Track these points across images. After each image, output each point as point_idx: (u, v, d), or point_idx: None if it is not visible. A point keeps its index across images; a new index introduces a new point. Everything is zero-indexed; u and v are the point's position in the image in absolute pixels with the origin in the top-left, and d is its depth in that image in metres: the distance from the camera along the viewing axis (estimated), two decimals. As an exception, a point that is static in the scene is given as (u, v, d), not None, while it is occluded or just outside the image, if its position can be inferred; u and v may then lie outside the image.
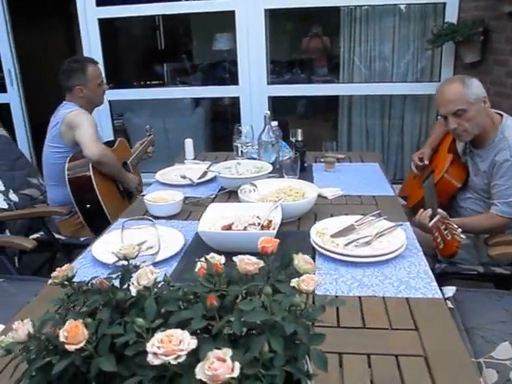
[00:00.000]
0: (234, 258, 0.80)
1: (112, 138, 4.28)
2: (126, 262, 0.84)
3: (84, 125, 2.33)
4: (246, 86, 4.03)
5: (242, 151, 2.40)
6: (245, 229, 1.57)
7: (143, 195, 1.98)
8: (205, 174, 2.26)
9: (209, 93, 4.50)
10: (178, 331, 0.60)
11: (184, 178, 2.25)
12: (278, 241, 0.85)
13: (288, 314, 0.69)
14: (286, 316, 0.68)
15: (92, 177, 2.22)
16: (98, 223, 2.14)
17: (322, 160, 2.39)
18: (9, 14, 4.14)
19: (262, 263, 0.80)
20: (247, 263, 0.78)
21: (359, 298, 1.24)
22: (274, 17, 5.05)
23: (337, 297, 1.25)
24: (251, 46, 3.91)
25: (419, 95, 3.93)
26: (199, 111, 4.86)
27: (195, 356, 0.59)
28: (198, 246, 1.54)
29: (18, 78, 4.29)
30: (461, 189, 2.14)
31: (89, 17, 4.00)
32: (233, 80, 4.18)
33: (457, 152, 2.19)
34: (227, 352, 0.57)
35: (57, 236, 2.42)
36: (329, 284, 1.31)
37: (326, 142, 2.36)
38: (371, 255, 1.40)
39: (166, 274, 0.81)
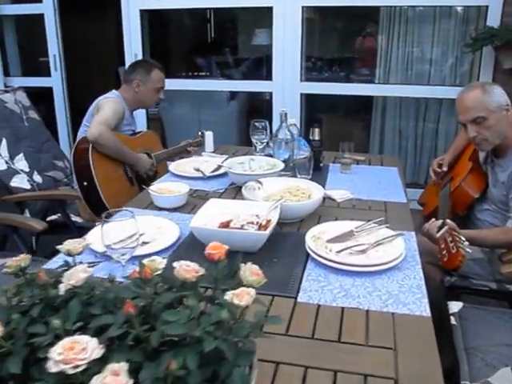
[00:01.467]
0: (174, 264, 0.77)
1: (145, 126, 4.38)
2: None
3: (104, 109, 2.40)
4: (279, 82, 4.00)
5: (257, 147, 2.37)
6: (242, 227, 1.55)
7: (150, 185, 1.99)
8: (218, 167, 2.24)
9: (242, 87, 4.49)
10: (85, 338, 0.57)
11: (197, 170, 2.24)
12: (226, 247, 0.82)
13: (215, 328, 0.66)
14: (210, 331, 0.65)
15: (89, 155, 2.24)
16: (97, 206, 2.18)
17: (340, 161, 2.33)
18: (58, 2, 4.24)
19: (202, 271, 0.77)
20: (186, 270, 0.75)
21: (342, 308, 1.20)
22: (323, 15, 5.00)
23: (319, 306, 1.21)
24: (287, 42, 3.88)
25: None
26: (233, 104, 4.85)
27: (104, 366, 0.57)
28: (191, 242, 1.53)
29: (62, 63, 4.40)
30: (479, 200, 2.04)
31: (131, 7, 4.06)
32: (268, 75, 4.15)
33: (478, 161, 2.09)
34: (123, 366, 0.54)
35: (74, 219, 2.47)
36: (314, 291, 1.27)
37: (343, 142, 2.30)
38: (362, 264, 1.34)
39: (110, 274, 0.79)
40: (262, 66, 5.11)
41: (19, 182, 2.43)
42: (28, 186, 2.48)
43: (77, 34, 5.32)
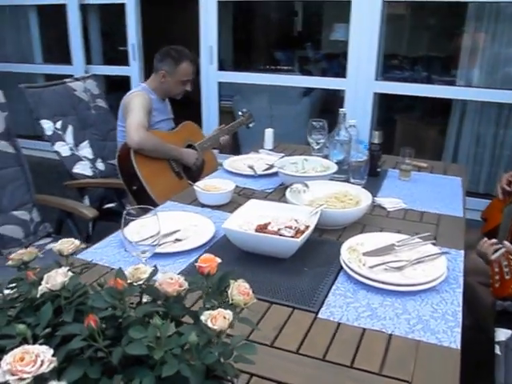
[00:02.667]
0: (159, 275, 0.74)
1: (217, 119, 4.42)
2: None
3: (134, 109, 2.38)
4: (352, 80, 3.87)
5: (313, 147, 2.29)
6: (278, 230, 1.50)
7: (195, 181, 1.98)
8: (271, 166, 2.20)
9: (315, 83, 4.39)
10: (38, 349, 0.56)
11: (251, 168, 2.22)
12: (218, 261, 0.78)
13: (183, 352, 0.62)
14: (177, 353, 0.61)
15: (133, 161, 2.26)
16: (148, 204, 2.19)
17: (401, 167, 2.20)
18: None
19: (185, 285, 0.73)
20: (168, 283, 0.72)
21: (363, 330, 1.12)
22: (414, 10, 4.77)
23: (339, 324, 1.13)
24: (363, 39, 3.74)
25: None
26: (306, 101, 4.77)
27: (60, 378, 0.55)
28: (225, 242, 1.50)
29: (141, 53, 4.54)
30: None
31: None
32: (342, 72, 4.03)
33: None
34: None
35: (127, 207, 2.53)
36: (338, 308, 1.20)
37: (405, 147, 2.16)
38: (395, 283, 1.25)
39: (101, 279, 0.77)
40: (339, 63, 4.98)
41: (81, 168, 2.53)
42: (90, 173, 2.57)
43: (156, 24, 5.44)
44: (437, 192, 2.02)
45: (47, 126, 2.47)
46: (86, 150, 2.62)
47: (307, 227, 1.49)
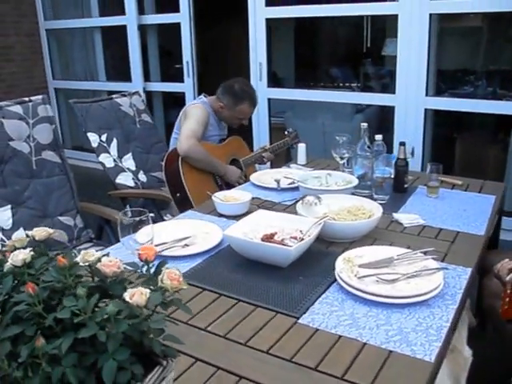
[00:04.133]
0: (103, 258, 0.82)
1: (267, 135, 4.51)
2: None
3: (191, 118, 2.52)
4: (402, 96, 3.83)
5: (338, 162, 2.31)
6: (282, 240, 1.54)
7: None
8: (294, 181, 2.24)
9: (364, 99, 4.38)
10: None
11: (276, 181, 2.27)
12: (155, 250, 0.85)
13: (106, 320, 0.70)
14: (98, 321, 0.69)
15: (180, 168, 2.38)
16: None
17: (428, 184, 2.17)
18: (194, 13, 4.60)
19: (122, 268, 0.81)
20: (107, 265, 0.79)
21: (339, 337, 1.13)
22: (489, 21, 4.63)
23: (317, 330, 1.16)
24: (412, 53, 3.69)
25: None
26: (358, 118, 4.75)
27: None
28: (230, 249, 1.56)
29: (195, 69, 4.74)
30: None
31: (258, 17, 4.22)
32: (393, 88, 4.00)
33: None
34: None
35: (166, 218, 2.65)
36: (320, 315, 1.22)
37: (432, 163, 2.13)
38: (381, 295, 1.25)
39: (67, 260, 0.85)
40: (390, 78, 4.95)
41: (124, 179, 2.69)
42: (132, 184, 2.72)
43: (210, 42, 5.67)
44: (463, 210, 1.97)
45: (93, 138, 2.65)
46: (129, 161, 2.78)
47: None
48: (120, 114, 2.82)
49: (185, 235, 1.66)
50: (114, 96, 2.88)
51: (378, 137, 2.23)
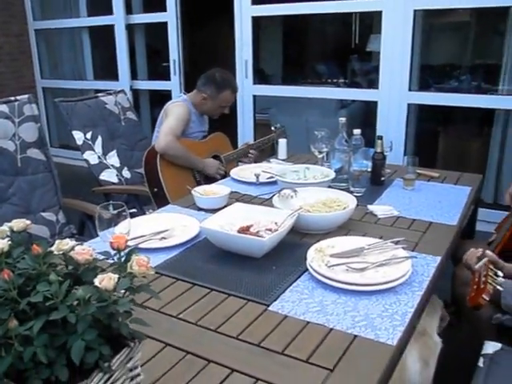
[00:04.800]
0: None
1: (252, 131, 4.55)
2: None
3: (171, 116, 2.56)
4: (385, 91, 3.87)
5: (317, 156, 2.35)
6: (257, 232, 1.58)
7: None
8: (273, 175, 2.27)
9: (347, 95, 4.42)
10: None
11: (256, 176, 2.30)
12: (126, 238, 0.89)
13: (77, 304, 0.74)
14: (68, 304, 0.73)
15: (157, 164, 2.42)
16: None
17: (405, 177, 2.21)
18: (181, 12, 4.62)
19: (94, 256, 0.84)
20: (79, 253, 0.83)
21: (307, 323, 1.17)
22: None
23: (286, 317, 1.20)
24: (396, 49, 3.73)
25: None
26: (342, 113, 4.79)
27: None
28: (207, 241, 1.59)
29: (181, 68, 4.77)
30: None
31: (244, 14, 4.25)
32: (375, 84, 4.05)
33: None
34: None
35: (148, 213, 2.68)
36: (290, 303, 1.26)
37: (408, 156, 2.17)
38: (349, 282, 1.29)
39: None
40: (375, 74, 4.99)
41: (108, 175, 2.72)
42: (116, 180, 2.75)
43: (196, 40, 5.68)
44: (437, 201, 2.02)
45: (78, 136, 2.68)
46: (113, 158, 2.81)
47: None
48: (105, 112, 2.85)
49: (163, 228, 1.69)
50: (99, 94, 2.91)
51: (357, 131, 2.27)
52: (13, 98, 2.24)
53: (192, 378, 0.99)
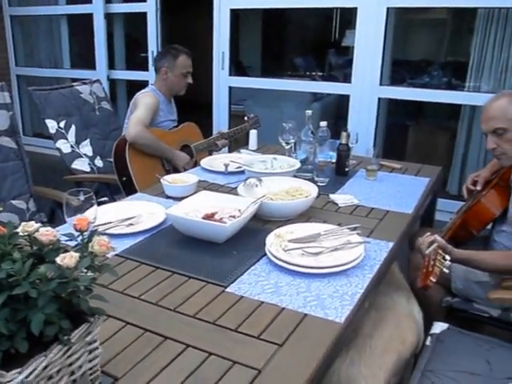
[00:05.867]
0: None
1: (227, 122, 4.60)
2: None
3: (140, 106, 2.61)
4: (357, 85, 3.96)
5: (284, 147, 2.43)
6: (221, 219, 1.64)
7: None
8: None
9: (320, 88, 4.50)
10: None
11: (225, 165, 2.37)
12: (88, 220, 0.94)
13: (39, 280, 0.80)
14: (31, 281, 0.79)
15: (126, 153, 2.47)
16: None
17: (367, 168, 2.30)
18: (160, 3, 4.64)
19: (57, 237, 0.90)
20: (43, 234, 0.88)
21: (261, 303, 1.25)
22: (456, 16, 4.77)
23: (242, 297, 1.27)
24: (369, 44, 3.82)
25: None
26: (315, 106, 4.88)
27: None
28: (172, 228, 1.66)
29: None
30: (499, 220, 1.90)
31: (222, 7, 4.29)
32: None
33: (509, 178, 1.94)
34: None
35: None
36: (247, 284, 1.33)
37: (371, 148, 2.26)
38: (303, 265, 1.37)
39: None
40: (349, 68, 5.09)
41: (80, 164, 2.76)
42: (88, 169, 2.79)
43: (175, 32, 5.67)
44: (397, 191, 2.11)
45: (51, 125, 2.71)
46: (86, 148, 2.84)
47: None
48: (79, 102, 2.88)
49: (130, 215, 1.74)
50: (74, 84, 2.94)
51: (323, 123, 2.34)
52: (-17, 86, 2.26)
53: (149, 353, 1.06)
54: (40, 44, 5.86)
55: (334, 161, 2.30)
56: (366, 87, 3.93)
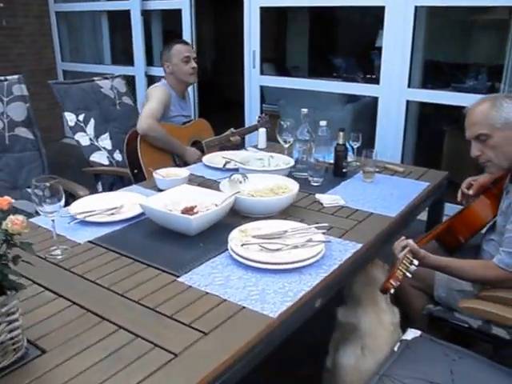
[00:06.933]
0: None
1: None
2: None
3: (151, 99, 2.69)
4: (385, 87, 3.91)
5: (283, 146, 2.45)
6: (197, 212, 1.70)
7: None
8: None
9: (350, 89, 4.46)
10: None
11: (226, 162, 2.41)
12: (8, 200, 1.02)
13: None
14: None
15: (138, 145, 2.55)
16: None
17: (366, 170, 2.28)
18: (195, 5, 4.75)
19: None
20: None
21: (206, 293, 1.29)
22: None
23: (190, 287, 1.32)
24: (397, 45, 3.76)
25: None
26: (349, 108, 4.84)
27: None
28: (150, 220, 1.72)
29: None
30: (489, 229, 1.85)
31: (252, 5, 4.34)
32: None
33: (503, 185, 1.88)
34: None
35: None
36: (199, 275, 1.38)
37: (367, 149, 2.23)
38: (255, 260, 1.40)
39: None
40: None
41: (99, 157, 2.88)
42: (106, 162, 2.91)
43: (210, 29, 5.75)
44: (390, 194, 2.08)
45: (70, 117, 2.85)
46: (106, 141, 2.97)
47: (226, 212, 1.68)
48: (99, 96, 3.01)
49: (117, 205, 1.83)
50: (95, 78, 3.07)
51: (322, 122, 2.35)
52: (2, 78, 2.42)
53: (83, 332, 1.13)
54: (84, 40, 6.15)
55: (331, 161, 2.30)
56: (394, 89, 3.87)
